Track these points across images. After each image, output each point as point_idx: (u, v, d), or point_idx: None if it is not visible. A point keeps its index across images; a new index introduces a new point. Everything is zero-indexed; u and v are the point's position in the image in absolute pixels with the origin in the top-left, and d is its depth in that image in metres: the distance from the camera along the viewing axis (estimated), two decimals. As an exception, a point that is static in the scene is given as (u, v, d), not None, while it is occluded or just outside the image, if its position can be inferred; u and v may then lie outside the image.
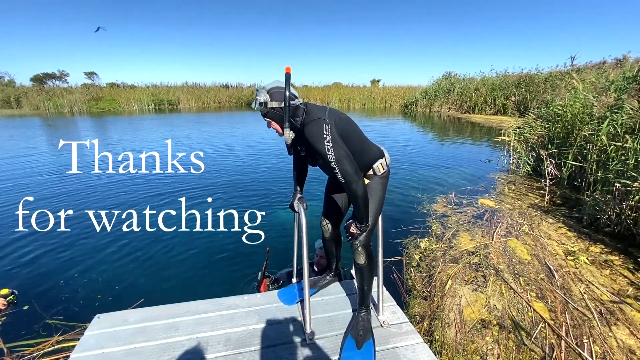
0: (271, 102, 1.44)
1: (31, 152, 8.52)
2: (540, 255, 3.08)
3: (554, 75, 14.58)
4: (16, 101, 24.17)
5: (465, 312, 2.32)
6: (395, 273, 2.86)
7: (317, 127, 1.40)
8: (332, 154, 1.39)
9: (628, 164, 3.39)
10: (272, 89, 1.46)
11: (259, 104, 1.45)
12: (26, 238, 3.61)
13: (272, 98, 1.45)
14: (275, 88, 1.46)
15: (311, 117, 1.44)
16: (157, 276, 2.97)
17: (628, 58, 12.23)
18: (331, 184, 1.90)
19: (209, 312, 1.84)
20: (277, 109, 1.46)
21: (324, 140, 1.39)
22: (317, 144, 1.40)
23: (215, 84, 32.22)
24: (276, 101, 1.45)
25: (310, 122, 1.43)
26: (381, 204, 1.69)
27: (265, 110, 1.46)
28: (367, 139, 1.65)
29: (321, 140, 1.39)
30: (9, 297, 2.44)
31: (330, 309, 1.92)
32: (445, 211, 4.18)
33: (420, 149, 8.75)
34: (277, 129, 1.52)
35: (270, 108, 1.45)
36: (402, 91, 27.05)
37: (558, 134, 5.29)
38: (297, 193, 1.87)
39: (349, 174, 1.42)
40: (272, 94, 1.45)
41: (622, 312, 2.29)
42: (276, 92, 1.46)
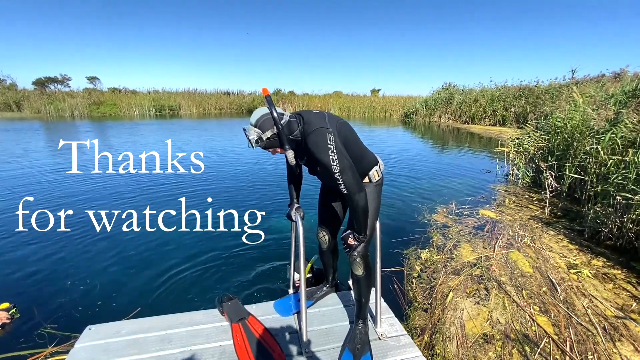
0: (264, 134, 1.39)
1: (29, 153, 8.49)
2: (542, 268, 3.03)
3: (554, 87, 14.72)
4: (17, 104, 24.22)
5: (467, 325, 2.27)
6: (396, 283, 2.81)
7: (322, 138, 1.35)
8: (337, 165, 1.34)
9: (629, 177, 3.37)
10: (259, 120, 1.40)
11: (255, 142, 1.40)
12: (25, 239, 3.55)
13: (263, 129, 1.40)
14: (261, 118, 1.40)
15: (312, 127, 1.39)
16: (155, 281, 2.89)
17: (626, 72, 12.37)
18: (324, 194, 1.85)
19: (203, 323, 1.79)
20: (272, 137, 1.41)
21: (329, 151, 1.34)
22: (321, 155, 1.35)
23: (217, 91, 32.44)
24: (268, 130, 1.39)
25: (313, 132, 1.38)
26: (377, 212, 1.66)
27: (263, 144, 1.41)
28: (364, 145, 1.61)
29: (326, 151, 1.34)
30: (11, 310, 2.36)
31: (327, 320, 1.87)
32: (446, 221, 4.14)
33: (420, 158, 8.75)
34: (282, 153, 1.49)
35: (267, 139, 1.40)
36: (402, 101, 27.22)
37: (558, 146, 5.29)
38: (295, 203, 1.83)
39: (352, 185, 1.38)
40: (261, 125, 1.40)
41: (626, 328, 2.24)
42: (264, 121, 1.40)
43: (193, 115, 25.36)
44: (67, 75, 29.59)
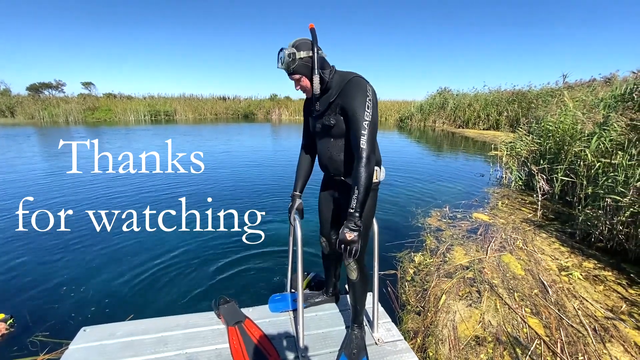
0: (299, 53, 1.37)
1: (28, 154, 8.45)
2: (534, 270, 3.08)
3: (546, 91, 14.94)
4: (10, 110, 24.03)
5: (459, 328, 2.30)
6: (390, 287, 2.84)
7: (363, 85, 1.36)
8: (370, 114, 1.32)
9: (617, 179, 3.44)
10: (297, 41, 1.40)
11: (288, 56, 1.36)
12: (24, 240, 3.54)
13: (298, 49, 1.37)
14: (300, 40, 1.41)
15: (352, 74, 1.40)
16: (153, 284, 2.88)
17: (616, 76, 12.58)
18: (324, 198, 1.79)
19: (199, 326, 1.80)
20: (305, 59, 1.38)
21: (366, 98, 1.33)
22: (358, 99, 1.33)
23: (213, 96, 32.46)
24: (304, 51, 1.37)
25: (355, 77, 1.38)
26: (372, 217, 1.61)
27: (294, 63, 1.37)
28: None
29: (363, 98, 1.33)
30: (8, 320, 2.34)
31: (324, 325, 1.89)
32: (440, 225, 4.18)
33: (415, 162, 8.82)
34: (306, 86, 1.45)
35: (299, 59, 1.37)
36: (397, 106, 27.42)
37: (549, 150, 5.38)
38: (297, 197, 1.76)
39: (370, 143, 1.31)
40: (298, 45, 1.38)
41: (616, 329, 2.28)
42: (302, 43, 1.39)
43: (189, 120, 25.31)
44: (61, 80, 29.58)
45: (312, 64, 1.38)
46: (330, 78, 1.44)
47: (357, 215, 1.30)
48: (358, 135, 1.31)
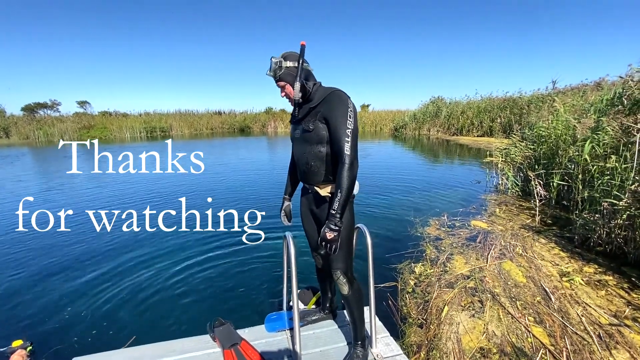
0: (286, 62, 1.50)
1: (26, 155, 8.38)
2: (535, 277, 3.05)
3: (536, 97, 15.17)
4: (4, 131, 23.98)
5: (463, 340, 2.25)
6: (390, 299, 2.79)
7: (345, 98, 1.45)
8: (352, 123, 1.41)
9: (613, 183, 3.45)
10: (286, 53, 1.54)
11: (275, 64, 1.50)
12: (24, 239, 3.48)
13: (286, 59, 1.51)
14: (289, 52, 1.54)
15: (334, 88, 1.50)
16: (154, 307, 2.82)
17: (606, 81, 12.82)
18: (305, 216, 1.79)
19: (194, 350, 1.75)
20: (291, 68, 1.51)
21: (348, 109, 1.42)
22: (340, 109, 1.42)
23: (208, 111, 32.63)
24: (291, 61, 1.51)
25: (337, 90, 1.48)
26: (352, 228, 1.61)
27: (280, 70, 1.50)
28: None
29: (345, 108, 1.42)
30: (27, 347, 2.24)
31: (321, 343, 1.84)
32: (439, 234, 4.16)
33: (411, 171, 8.84)
34: (290, 93, 1.54)
35: (285, 67, 1.50)
36: (392, 115, 27.71)
37: (544, 155, 5.41)
38: (286, 199, 1.91)
39: (353, 150, 1.40)
40: (287, 56, 1.52)
41: (621, 335, 2.25)
42: (290, 54, 1.53)
43: (185, 136, 25.38)
44: (56, 100, 29.59)
45: (296, 73, 1.49)
46: (314, 90, 1.55)
47: (338, 217, 1.39)
48: (342, 142, 1.39)
